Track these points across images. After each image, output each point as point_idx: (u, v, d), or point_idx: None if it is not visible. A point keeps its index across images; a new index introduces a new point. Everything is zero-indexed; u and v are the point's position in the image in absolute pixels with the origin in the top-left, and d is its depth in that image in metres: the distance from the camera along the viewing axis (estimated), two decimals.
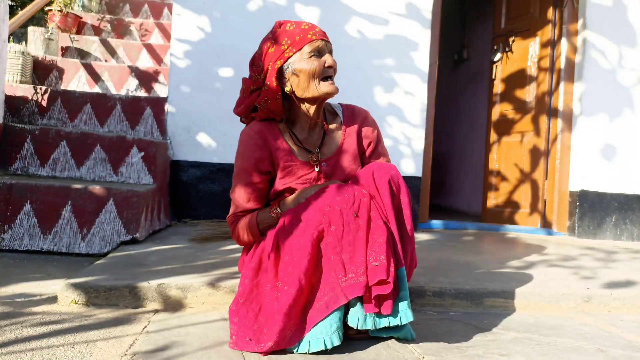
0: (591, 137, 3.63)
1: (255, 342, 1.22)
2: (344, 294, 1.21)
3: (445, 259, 2.32)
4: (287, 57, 1.37)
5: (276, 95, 1.39)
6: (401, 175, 1.35)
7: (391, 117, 3.35)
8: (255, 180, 1.43)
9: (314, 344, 1.23)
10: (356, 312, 1.25)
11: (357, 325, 1.24)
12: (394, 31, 3.36)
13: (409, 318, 1.26)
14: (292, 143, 1.45)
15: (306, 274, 1.24)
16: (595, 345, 1.45)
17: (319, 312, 1.23)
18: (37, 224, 2.19)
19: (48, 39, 3.81)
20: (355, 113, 1.55)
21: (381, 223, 1.25)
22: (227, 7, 3.16)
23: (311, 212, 1.27)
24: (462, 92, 5.81)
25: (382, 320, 1.25)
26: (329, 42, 1.40)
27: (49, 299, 1.57)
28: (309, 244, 1.24)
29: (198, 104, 3.10)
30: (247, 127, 1.47)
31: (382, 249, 1.22)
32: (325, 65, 1.37)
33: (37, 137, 2.61)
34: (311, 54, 1.36)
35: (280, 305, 1.22)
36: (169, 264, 1.86)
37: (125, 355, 1.18)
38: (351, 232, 1.24)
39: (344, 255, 1.23)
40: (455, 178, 5.85)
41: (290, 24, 1.41)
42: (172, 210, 3.01)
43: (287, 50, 1.37)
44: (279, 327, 1.21)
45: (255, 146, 1.42)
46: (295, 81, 1.39)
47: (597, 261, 2.56)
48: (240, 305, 1.28)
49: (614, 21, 3.65)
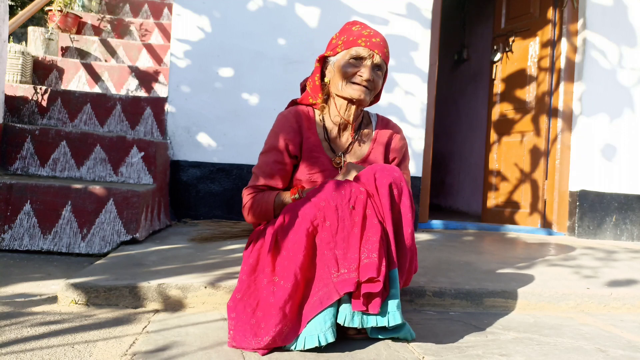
0: (591, 137, 3.63)
1: (252, 337, 1.22)
2: (336, 289, 1.21)
3: (445, 259, 2.32)
4: (336, 52, 1.49)
5: (315, 77, 1.52)
6: (405, 181, 1.34)
7: (391, 117, 3.34)
8: (283, 160, 1.49)
9: (309, 340, 1.23)
10: (344, 309, 1.24)
11: (344, 322, 1.23)
12: (394, 31, 3.36)
13: (397, 320, 1.25)
14: (323, 137, 1.53)
15: (301, 269, 1.24)
16: (595, 345, 1.45)
17: (313, 308, 1.24)
18: (37, 224, 2.19)
19: (48, 39, 3.81)
20: (389, 126, 1.62)
21: (376, 222, 1.25)
22: (227, 7, 3.16)
23: (307, 207, 1.28)
24: (462, 92, 5.81)
25: (369, 319, 1.24)
26: (377, 55, 1.44)
27: (49, 299, 1.57)
28: (304, 238, 1.25)
29: (198, 104, 3.10)
30: (286, 110, 1.55)
31: (374, 247, 1.22)
32: (358, 74, 1.45)
33: (37, 137, 2.61)
34: (352, 58, 1.45)
35: (276, 300, 1.23)
36: (169, 264, 1.86)
37: (125, 355, 1.18)
38: (346, 229, 1.24)
39: (337, 251, 1.23)
40: (455, 178, 5.85)
41: (358, 25, 1.50)
42: (172, 210, 3.01)
43: (339, 46, 1.48)
44: (276, 321, 1.21)
45: (290, 128, 1.50)
46: (331, 75, 1.50)
47: (597, 261, 2.56)
48: (237, 301, 1.29)
49: (614, 21, 3.65)
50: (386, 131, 1.60)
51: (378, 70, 1.47)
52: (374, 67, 1.46)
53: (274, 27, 3.21)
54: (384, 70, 1.50)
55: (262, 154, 1.53)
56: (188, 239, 2.43)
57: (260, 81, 3.17)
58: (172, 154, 3.06)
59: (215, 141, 3.12)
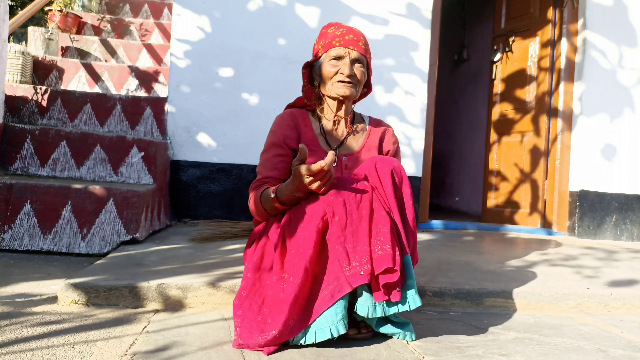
0: (591, 137, 3.63)
1: (259, 333, 1.24)
2: (348, 282, 1.24)
3: (445, 259, 2.32)
4: (318, 57, 1.57)
5: (306, 81, 1.61)
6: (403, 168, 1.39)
7: (391, 117, 3.35)
8: (283, 153, 1.55)
9: (320, 333, 1.25)
10: (365, 302, 1.27)
11: (367, 314, 1.26)
12: (394, 31, 3.36)
13: (417, 303, 1.30)
14: (319, 132, 1.60)
15: (311, 263, 1.27)
16: (595, 345, 1.45)
17: (324, 302, 1.26)
18: (37, 224, 2.19)
19: (48, 39, 3.81)
20: (381, 124, 1.70)
21: (384, 213, 1.29)
22: (227, 7, 3.16)
23: (316, 204, 1.31)
24: (462, 92, 5.81)
25: (391, 308, 1.28)
26: (353, 51, 1.52)
27: (49, 299, 1.57)
28: (315, 234, 1.28)
29: (198, 104, 3.10)
30: (282, 112, 1.63)
31: (386, 238, 1.25)
32: (339, 72, 1.52)
33: (37, 137, 2.61)
34: (332, 59, 1.52)
35: (286, 296, 1.25)
36: (169, 264, 1.86)
37: (125, 355, 1.18)
38: (354, 222, 1.27)
39: (347, 245, 1.27)
40: (455, 178, 5.85)
41: (332, 27, 1.58)
42: (172, 210, 3.01)
43: (319, 50, 1.56)
44: (285, 317, 1.23)
45: (287, 126, 1.57)
46: (318, 79, 1.59)
47: (597, 261, 2.56)
48: (243, 299, 1.32)
49: (614, 21, 3.65)
50: (379, 127, 1.68)
51: (358, 64, 1.53)
52: (353, 62, 1.52)
53: (274, 27, 3.21)
54: (365, 62, 1.56)
55: (262, 153, 1.59)
56: (188, 239, 2.43)
57: (260, 81, 3.17)
58: (172, 154, 3.06)
59: (215, 141, 3.12)
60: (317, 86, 1.60)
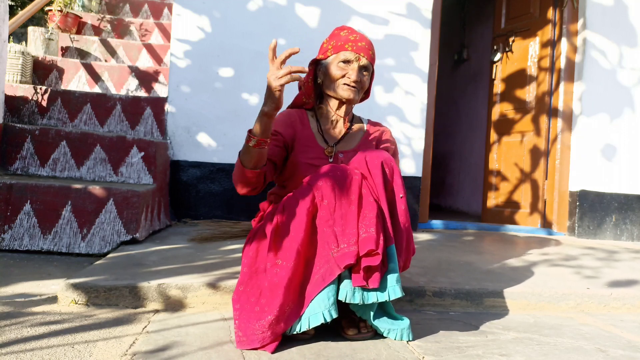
0: (591, 137, 3.63)
1: (256, 321, 1.26)
2: (337, 264, 1.26)
3: (445, 259, 2.32)
4: (327, 56, 1.60)
5: (308, 79, 1.63)
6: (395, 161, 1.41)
7: (391, 117, 3.35)
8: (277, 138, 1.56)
9: (313, 319, 1.27)
10: (345, 286, 1.28)
11: (346, 299, 1.27)
12: (394, 31, 3.36)
13: (397, 294, 1.29)
14: (316, 130, 1.63)
15: (302, 246, 1.30)
16: (595, 345, 1.45)
17: (316, 286, 1.28)
18: (37, 224, 2.19)
19: (48, 39, 3.81)
20: (379, 126, 1.74)
21: (372, 200, 1.32)
22: (227, 7, 3.16)
23: (305, 190, 1.34)
24: (462, 92, 5.81)
25: (370, 295, 1.28)
26: (363, 58, 1.56)
27: (49, 299, 1.57)
28: (305, 217, 1.31)
29: (198, 104, 3.10)
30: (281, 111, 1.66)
31: (372, 223, 1.28)
32: (347, 76, 1.56)
33: (37, 137, 2.61)
34: (341, 61, 1.56)
35: (279, 280, 1.28)
36: (169, 264, 1.86)
37: (125, 355, 1.18)
38: (343, 206, 1.30)
39: (336, 228, 1.29)
40: (455, 178, 5.85)
41: (345, 30, 1.61)
42: (172, 210, 3.01)
43: (329, 50, 1.60)
44: (280, 300, 1.26)
45: (283, 122, 1.61)
46: (323, 77, 1.62)
47: (597, 261, 2.56)
48: (241, 293, 1.36)
49: (614, 21, 3.65)
50: (376, 128, 1.72)
51: (365, 71, 1.59)
52: (361, 69, 1.57)
53: (274, 27, 3.21)
54: (371, 70, 1.61)
55: None
56: (188, 239, 2.43)
57: (260, 81, 3.17)
58: (172, 154, 3.06)
59: (215, 141, 3.12)
60: (320, 84, 1.64)
